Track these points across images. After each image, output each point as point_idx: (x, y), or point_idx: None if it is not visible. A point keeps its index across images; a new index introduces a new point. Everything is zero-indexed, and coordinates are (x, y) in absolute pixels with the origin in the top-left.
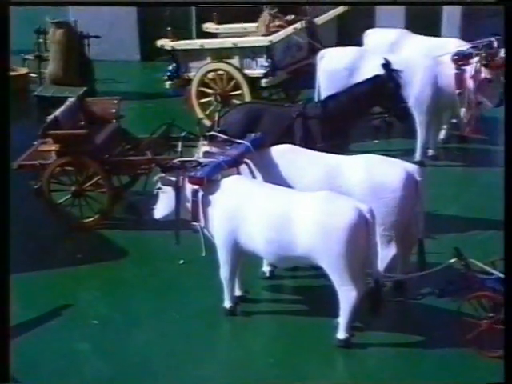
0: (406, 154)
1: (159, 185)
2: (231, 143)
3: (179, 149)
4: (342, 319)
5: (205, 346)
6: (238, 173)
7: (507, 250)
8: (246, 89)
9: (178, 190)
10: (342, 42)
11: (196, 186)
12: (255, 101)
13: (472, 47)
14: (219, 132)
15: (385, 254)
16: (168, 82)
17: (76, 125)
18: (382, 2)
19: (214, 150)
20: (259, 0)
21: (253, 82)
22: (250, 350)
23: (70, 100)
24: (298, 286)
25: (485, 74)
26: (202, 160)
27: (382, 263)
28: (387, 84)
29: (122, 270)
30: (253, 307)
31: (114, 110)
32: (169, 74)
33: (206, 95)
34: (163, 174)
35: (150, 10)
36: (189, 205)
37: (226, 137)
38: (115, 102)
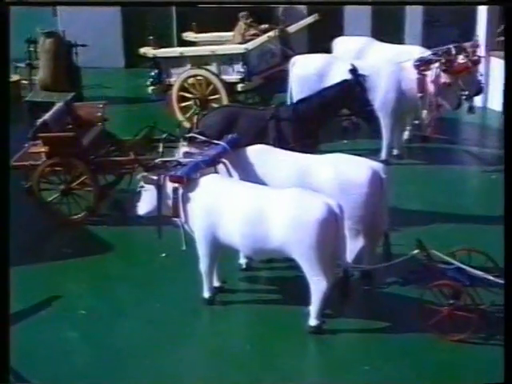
0: (373, 154)
1: (142, 183)
2: (209, 144)
3: (160, 149)
4: (314, 307)
5: (185, 334)
6: (216, 172)
7: (507, 250)
8: (223, 93)
9: (160, 188)
10: (312, 50)
11: (176, 184)
12: (231, 104)
13: (432, 54)
14: (198, 134)
15: (353, 246)
16: (150, 88)
17: (64, 128)
18: (382, 2)
19: (193, 150)
20: (260, 0)
21: (230, 86)
22: (228, 336)
23: (59, 105)
24: (273, 276)
25: (444, 78)
26: (181, 160)
27: (350, 255)
28: (354, 88)
29: (107, 263)
30: (230, 297)
31: (99, 114)
32: (151, 79)
33: (186, 99)
34: (146, 173)
35: (134, 20)
36: (170, 202)
37: (204, 138)
38: (100, 106)
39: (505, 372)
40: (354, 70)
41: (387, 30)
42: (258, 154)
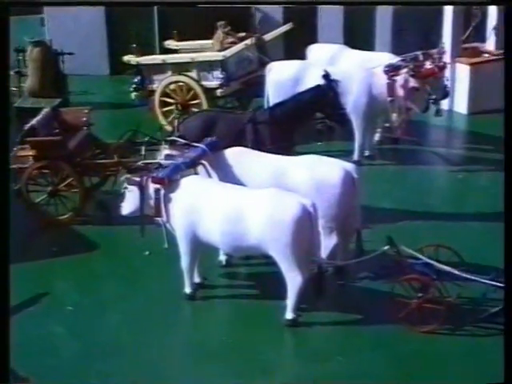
0: (345, 155)
1: (125, 184)
2: (189, 147)
3: (143, 152)
4: (290, 301)
5: (168, 328)
6: (196, 173)
7: (507, 251)
8: (203, 98)
9: (142, 189)
10: (287, 56)
11: (158, 186)
12: (211, 109)
13: (401, 60)
14: (179, 137)
15: (327, 242)
16: (134, 94)
17: (51, 132)
18: (383, 2)
19: (174, 153)
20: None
21: (209, 92)
22: (208, 330)
23: (46, 110)
24: (251, 272)
25: (412, 83)
26: (163, 162)
27: (324, 251)
28: (327, 92)
29: (93, 261)
30: (210, 292)
31: (84, 119)
32: (134, 86)
33: (168, 104)
34: (129, 175)
35: (118, 29)
36: (152, 202)
37: (184, 141)
38: (86, 111)
39: (505, 372)
40: (326, 76)
41: (358, 38)
42: (236, 156)
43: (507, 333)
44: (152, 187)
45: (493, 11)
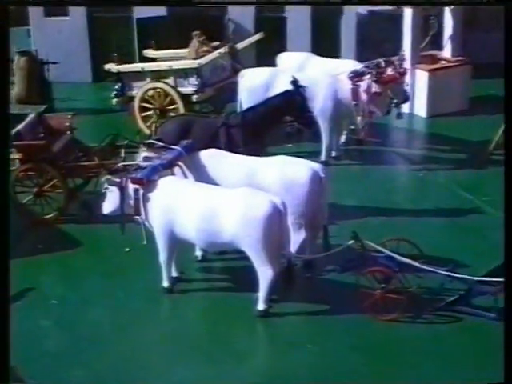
0: (313, 155)
1: (106, 185)
2: (166, 149)
3: (123, 155)
4: (261, 293)
5: (147, 319)
6: (173, 174)
7: (507, 250)
8: (180, 103)
9: (122, 189)
10: (259, 64)
11: (137, 186)
12: (186, 113)
13: (364, 67)
14: (156, 140)
15: (296, 238)
16: (115, 100)
17: (36, 136)
18: (383, 2)
19: (152, 155)
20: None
21: (186, 97)
22: (185, 321)
23: (31, 116)
24: (225, 267)
25: (375, 88)
26: (142, 164)
27: (293, 246)
28: (295, 97)
29: (76, 257)
30: (187, 286)
31: (68, 124)
32: (115, 92)
33: (147, 110)
34: (110, 176)
35: (99, 39)
36: (131, 201)
37: (161, 144)
38: (69, 117)
39: (505, 372)
40: (295, 82)
41: (325, 46)
42: (210, 158)
43: (507, 332)
44: (131, 187)
45: (449, 21)
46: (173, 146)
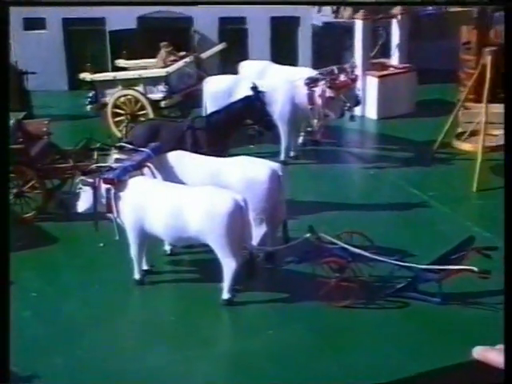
0: (273, 155)
1: (80, 185)
2: (136, 151)
3: (96, 157)
4: (226, 284)
5: (120, 309)
6: (142, 174)
7: (507, 250)
8: (149, 109)
9: (95, 189)
10: (222, 72)
11: (109, 186)
12: (155, 118)
13: (319, 74)
14: (126, 143)
15: (257, 232)
16: (89, 106)
17: (15, 141)
18: (384, 2)
19: (122, 157)
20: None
21: (155, 103)
22: (156, 311)
23: (11, 122)
24: (192, 260)
25: (329, 93)
26: (113, 165)
27: (255, 239)
28: (255, 102)
29: (54, 252)
30: (157, 278)
31: (45, 129)
32: (89, 99)
33: (119, 115)
34: (83, 177)
35: (74, 50)
36: (104, 200)
37: (131, 146)
38: (46, 122)
39: (505, 372)
40: (254, 88)
41: (283, 55)
42: (177, 159)
43: (507, 332)
44: (104, 187)
45: (396, 31)
46: (142, 149)
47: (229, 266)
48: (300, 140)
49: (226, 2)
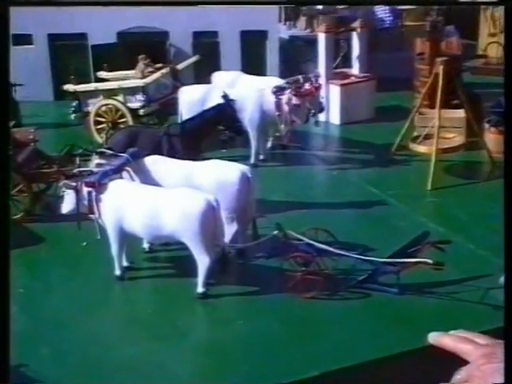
0: (244, 159)
1: (64, 189)
2: (116, 156)
3: (78, 162)
4: (200, 278)
5: (102, 304)
6: (121, 178)
7: (507, 250)
8: (129, 117)
9: (78, 192)
10: (196, 81)
11: (90, 189)
12: (133, 125)
13: (286, 82)
14: (107, 149)
15: (229, 230)
16: (73, 115)
17: None
18: (383, 2)
19: (103, 162)
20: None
21: (134, 112)
22: (135, 304)
23: None
24: (169, 256)
25: (295, 100)
26: (94, 169)
27: (227, 237)
28: (227, 109)
29: (40, 251)
30: (137, 274)
31: (31, 137)
32: (73, 109)
33: (101, 123)
34: (67, 181)
35: (59, 63)
36: (86, 202)
37: (111, 152)
38: (32, 130)
39: (505, 372)
40: (225, 96)
41: (253, 66)
42: (154, 163)
43: (507, 332)
44: (85, 190)
45: (356, 43)
46: (121, 154)
47: (203, 262)
48: (268, 144)
49: (226, 2)
